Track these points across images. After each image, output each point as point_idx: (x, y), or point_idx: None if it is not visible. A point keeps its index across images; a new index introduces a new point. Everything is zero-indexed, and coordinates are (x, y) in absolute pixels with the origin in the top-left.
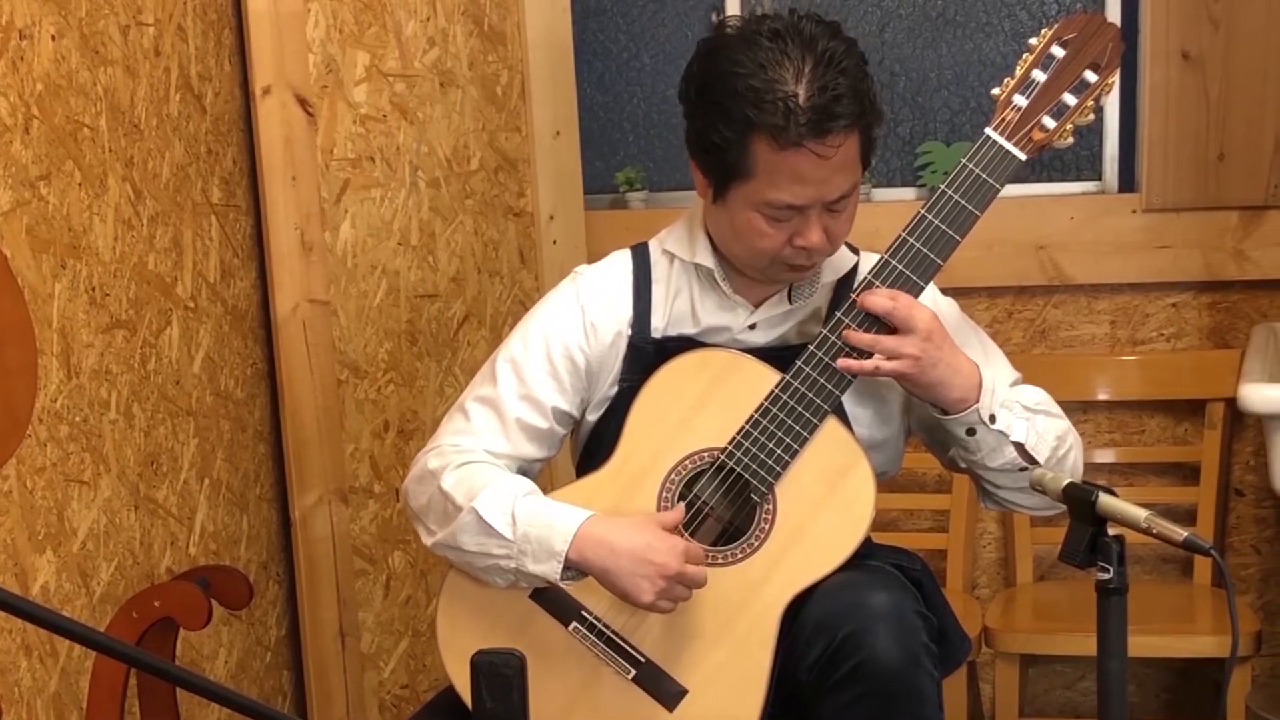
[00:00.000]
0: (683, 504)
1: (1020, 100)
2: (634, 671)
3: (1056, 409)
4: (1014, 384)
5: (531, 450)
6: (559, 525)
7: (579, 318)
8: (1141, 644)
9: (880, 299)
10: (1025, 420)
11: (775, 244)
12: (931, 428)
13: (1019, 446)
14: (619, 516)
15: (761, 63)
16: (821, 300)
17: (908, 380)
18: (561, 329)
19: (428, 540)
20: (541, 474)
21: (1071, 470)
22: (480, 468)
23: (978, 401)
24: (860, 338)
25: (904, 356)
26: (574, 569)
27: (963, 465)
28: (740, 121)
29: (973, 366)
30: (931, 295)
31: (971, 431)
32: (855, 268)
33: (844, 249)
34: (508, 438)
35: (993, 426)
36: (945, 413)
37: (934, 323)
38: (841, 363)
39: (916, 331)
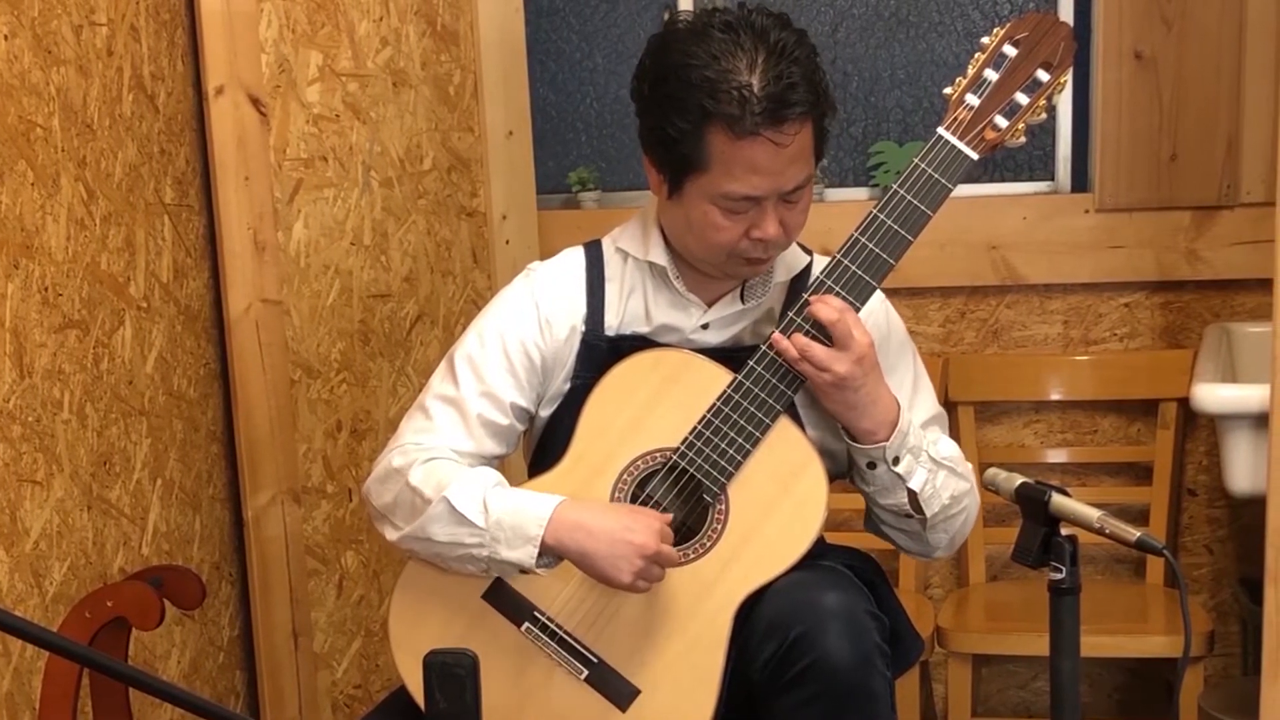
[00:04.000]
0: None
1: (972, 99)
2: (586, 672)
3: (965, 469)
4: (931, 420)
5: (493, 447)
6: (532, 511)
7: (534, 313)
8: (1094, 644)
9: (827, 309)
10: (928, 471)
11: (732, 237)
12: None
13: (912, 494)
14: (590, 500)
15: (715, 54)
16: (775, 301)
17: (823, 394)
18: (517, 325)
19: (393, 536)
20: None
21: (956, 534)
22: (446, 463)
23: (886, 440)
24: (797, 340)
25: (829, 371)
26: (549, 555)
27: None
28: (695, 113)
29: (893, 402)
30: (884, 311)
31: (872, 465)
32: (808, 268)
33: (797, 249)
34: (470, 435)
35: (894, 468)
36: (853, 439)
37: (870, 349)
38: (775, 336)
39: (850, 351)
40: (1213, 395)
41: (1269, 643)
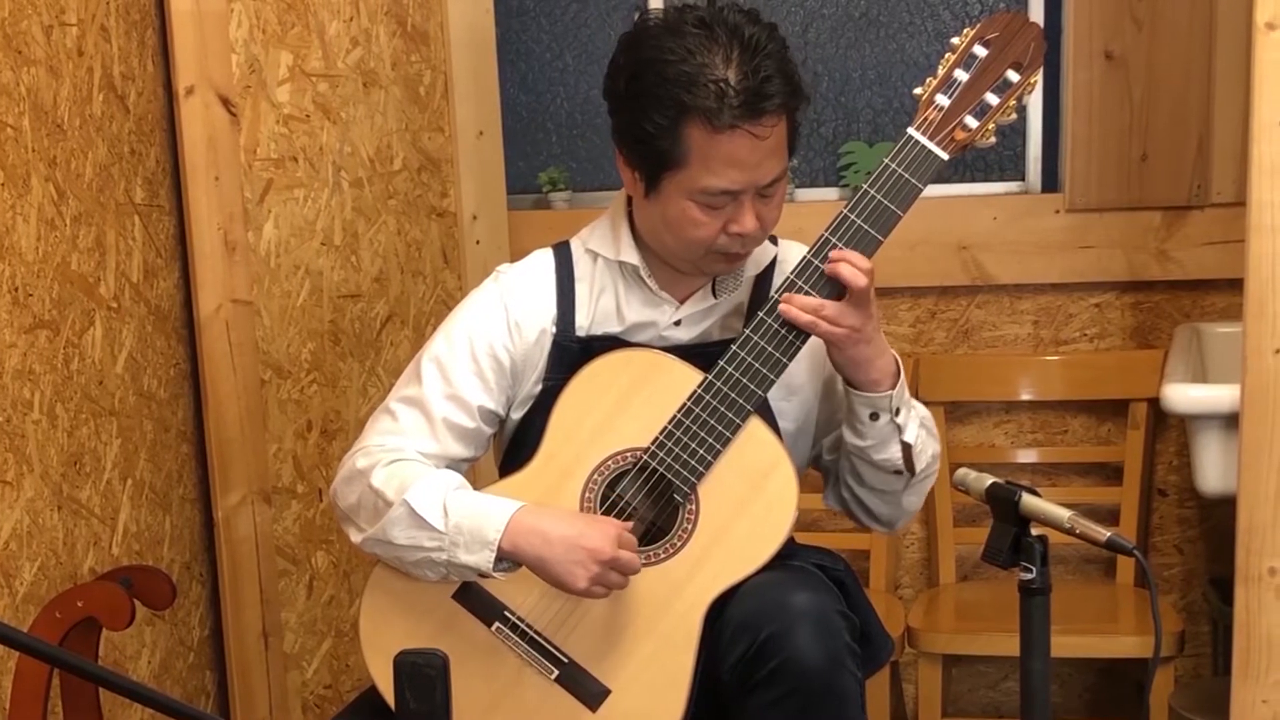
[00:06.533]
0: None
1: (943, 100)
2: (556, 672)
3: (936, 434)
4: None
5: (460, 449)
6: (491, 515)
7: (503, 316)
8: (1064, 644)
9: (854, 271)
10: (918, 427)
11: (710, 233)
12: (830, 414)
13: (906, 448)
14: (551, 506)
15: (690, 49)
16: (743, 295)
17: (837, 348)
18: (485, 328)
19: (357, 538)
20: (465, 474)
21: (921, 497)
22: (409, 464)
23: (892, 389)
24: (807, 301)
25: (844, 326)
26: (507, 560)
27: (829, 458)
28: (673, 107)
29: (893, 356)
30: None
31: (875, 416)
32: (775, 260)
33: (765, 242)
34: (435, 437)
35: (895, 419)
36: (858, 389)
37: (875, 305)
38: (783, 308)
39: (864, 307)
40: (1183, 395)
41: (1239, 643)
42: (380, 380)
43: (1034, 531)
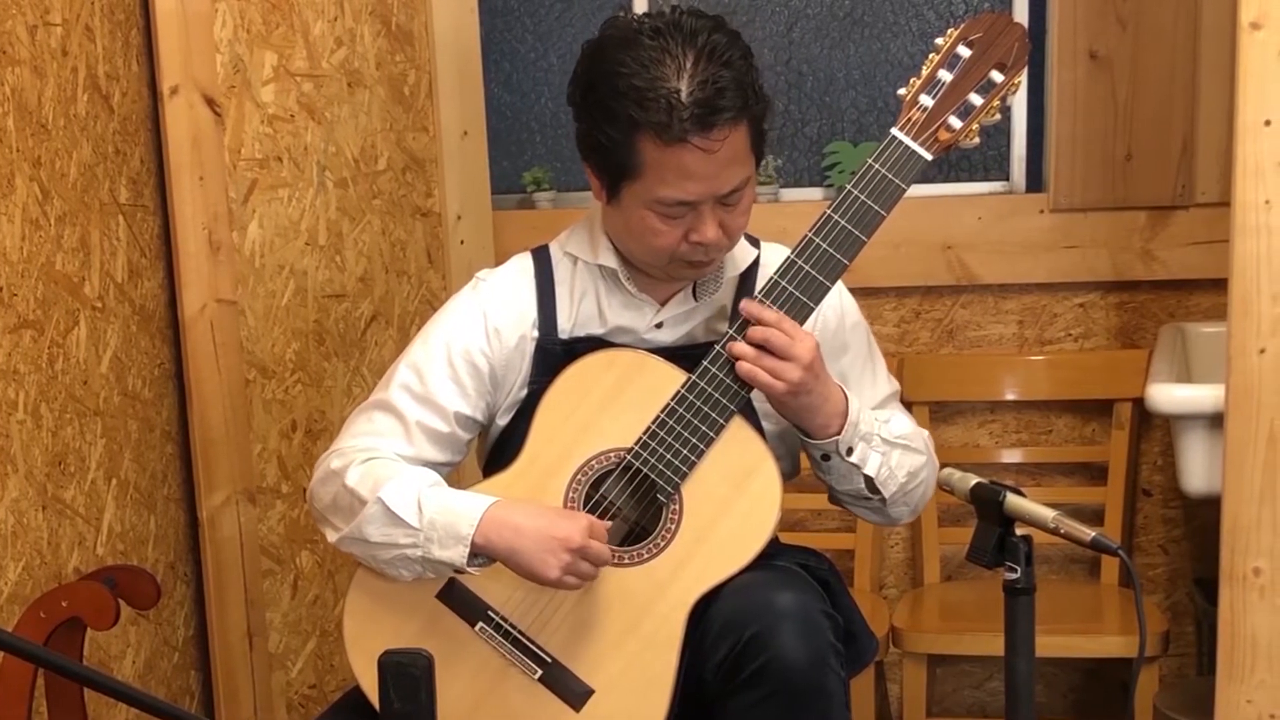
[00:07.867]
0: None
1: (926, 100)
2: (540, 672)
3: (919, 443)
4: (887, 398)
5: (435, 453)
6: (464, 510)
7: (481, 323)
8: (1049, 644)
9: (760, 330)
10: (881, 454)
11: (671, 241)
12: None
13: (868, 479)
14: (525, 501)
15: (644, 61)
16: (726, 297)
17: (779, 402)
18: (463, 334)
19: (333, 537)
20: (449, 480)
21: (916, 503)
22: (383, 463)
23: (839, 433)
24: (745, 351)
25: (782, 380)
26: (481, 554)
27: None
28: (625, 121)
29: (842, 396)
30: (839, 294)
31: (826, 458)
32: (757, 261)
33: (744, 243)
34: (410, 441)
35: (848, 458)
36: (808, 435)
37: (815, 352)
38: (730, 346)
39: (798, 360)
40: (1167, 395)
41: (1224, 643)
42: (364, 380)
43: (1019, 531)
